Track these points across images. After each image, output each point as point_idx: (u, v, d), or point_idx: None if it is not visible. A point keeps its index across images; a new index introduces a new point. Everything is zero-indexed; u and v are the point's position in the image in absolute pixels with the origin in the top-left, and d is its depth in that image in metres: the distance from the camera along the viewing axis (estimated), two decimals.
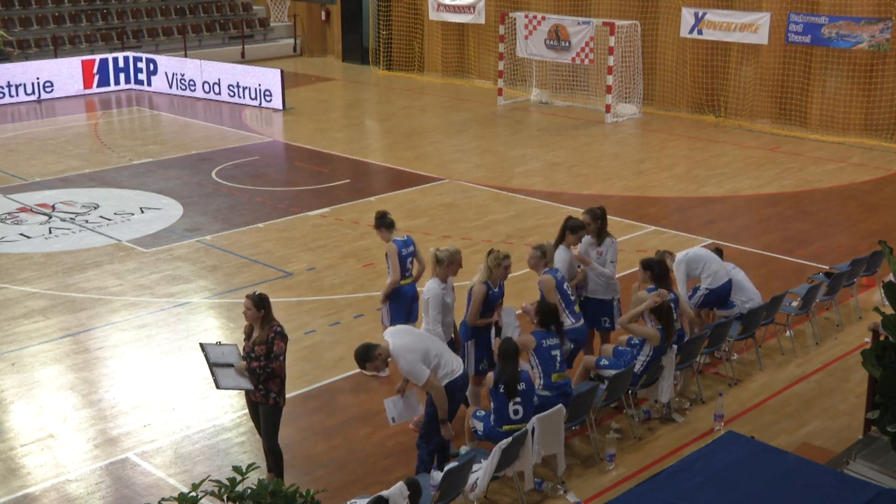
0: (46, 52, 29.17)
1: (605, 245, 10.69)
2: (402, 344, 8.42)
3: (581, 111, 25.52)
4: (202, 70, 27.48)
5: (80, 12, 31.30)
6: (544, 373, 9.07)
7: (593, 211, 10.73)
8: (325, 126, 24.41)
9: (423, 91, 28.96)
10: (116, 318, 12.73)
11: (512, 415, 8.67)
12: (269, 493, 6.23)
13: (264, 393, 8.61)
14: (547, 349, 9.09)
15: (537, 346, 9.09)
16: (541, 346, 9.09)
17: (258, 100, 26.28)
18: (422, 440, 8.70)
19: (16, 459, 9.53)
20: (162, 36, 32.13)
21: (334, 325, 12.51)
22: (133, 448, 9.68)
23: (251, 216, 16.95)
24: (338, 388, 10.95)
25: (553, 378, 9.07)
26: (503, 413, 8.68)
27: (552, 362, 9.09)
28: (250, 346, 8.60)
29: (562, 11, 26.50)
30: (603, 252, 10.66)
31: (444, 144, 22.40)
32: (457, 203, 17.68)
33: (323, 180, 19.29)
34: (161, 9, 32.98)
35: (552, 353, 9.11)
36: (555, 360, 9.10)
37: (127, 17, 32.09)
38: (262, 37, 34.48)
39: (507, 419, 8.68)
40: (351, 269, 14.47)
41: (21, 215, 16.95)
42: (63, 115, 25.56)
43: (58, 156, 21.30)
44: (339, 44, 34.17)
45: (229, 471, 8.55)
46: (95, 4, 31.81)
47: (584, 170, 20.09)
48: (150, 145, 22.16)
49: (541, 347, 9.08)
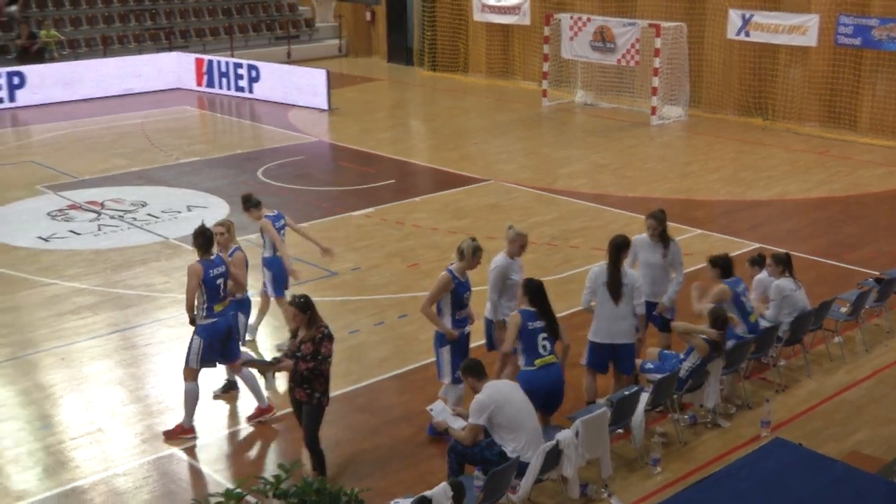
0: (96, 51, 29.53)
1: (672, 250, 10.56)
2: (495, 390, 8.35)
3: (626, 113, 25.39)
4: (248, 70, 27.68)
5: (129, 12, 31.66)
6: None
7: (657, 214, 10.62)
8: (370, 126, 24.49)
9: (468, 92, 28.96)
10: (163, 314, 12.85)
11: (542, 350, 8.98)
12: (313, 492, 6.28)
13: (309, 392, 8.66)
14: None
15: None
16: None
17: (304, 100, 26.41)
18: (452, 450, 8.66)
19: (65, 452, 9.66)
20: (209, 36, 32.41)
21: (378, 325, 12.55)
22: (180, 444, 9.77)
23: (296, 216, 16.89)
24: (382, 388, 10.98)
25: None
26: (534, 349, 8.98)
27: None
28: (296, 345, 8.65)
29: (607, 13, 26.37)
30: (669, 255, 10.55)
31: (489, 145, 22.38)
32: (501, 204, 17.66)
33: (367, 180, 19.36)
34: (208, 9, 33.28)
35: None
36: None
37: (175, 18, 32.41)
38: (307, 37, 34.67)
39: (538, 354, 8.99)
40: (395, 269, 14.50)
41: (71, 212, 17.18)
42: (112, 114, 25.86)
43: (106, 154, 21.56)
44: (384, 44, 34.26)
45: (274, 468, 8.59)
46: (144, 5, 32.16)
47: (629, 172, 19.98)
48: (196, 144, 22.37)
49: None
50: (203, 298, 9.68)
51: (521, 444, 8.22)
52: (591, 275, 9.83)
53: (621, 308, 9.67)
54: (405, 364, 11.38)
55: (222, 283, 9.80)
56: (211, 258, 9.77)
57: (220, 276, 9.77)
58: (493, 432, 8.31)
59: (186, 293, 9.69)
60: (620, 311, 9.67)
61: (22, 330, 12.40)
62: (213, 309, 9.74)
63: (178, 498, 8.92)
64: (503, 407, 8.26)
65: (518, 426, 8.25)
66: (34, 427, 10.11)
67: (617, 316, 9.67)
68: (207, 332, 9.74)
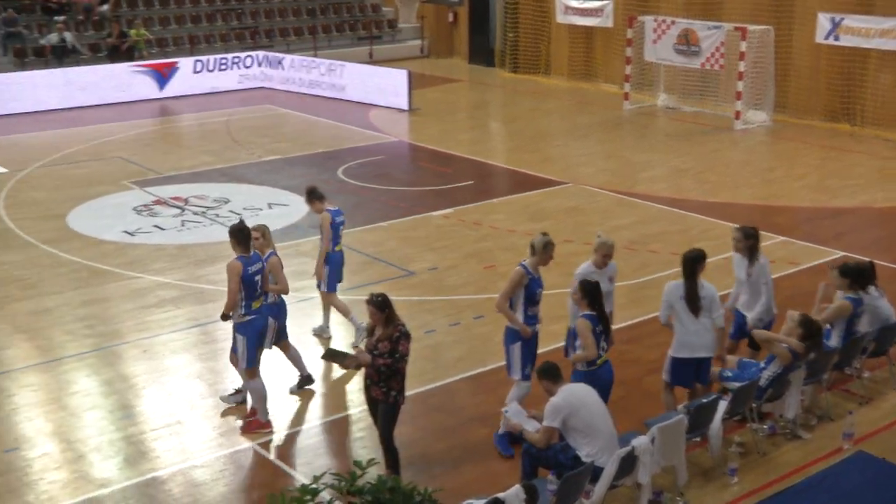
0: (183, 50, 30.12)
1: (757, 266, 10.27)
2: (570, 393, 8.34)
3: (709, 117, 25.04)
4: (331, 70, 27.97)
5: (215, 12, 32.23)
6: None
7: (745, 229, 10.40)
8: (450, 127, 24.55)
9: (549, 94, 28.86)
10: None
11: (601, 351, 9.00)
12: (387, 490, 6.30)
13: (385, 390, 8.70)
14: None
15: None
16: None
17: (385, 100, 26.58)
18: (526, 453, 8.64)
19: (146, 443, 9.86)
20: (293, 36, 32.82)
21: (454, 326, 12.57)
22: (256, 438, 9.90)
23: (375, 215, 17.17)
24: (457, 389, 10.99)
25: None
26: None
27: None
28: (373, 343, 8.70)
29: (692, 15, 26.02)
30: (754, 273, 10.27)
31: (569, 148, 22.27)
32: (581, 207, 17.56)
33: (447, 181, 19.41)
34: (293, 9, 33.72)
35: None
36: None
37: (260, 17, 32.90)
38: (390, 38, 34.90)
39: (599, 355, 9.01)
40: (472, 270, 14.51)
41: (156, 207, 17.54)
42: (197, 112, 26.36)
43: (191, 151, 21.98)
44: (465, 45, 34.32)
45: (349, 465, 8.66)
46: (231, 4, 32.71)
47: (710, 177, 19.70)
48: (279, 143, 22.66)
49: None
50: (241, 296, 9.73)
51: (596, 448, 8.16)
52: (667, 290, 9.67)
53: (702, 321, 9.49)
54: (480, 365, 11.38)
55: (260, 281, 9.89)
56: (249, 255, 9.84)
57: (257, 273, 9.84)
58: (567, 436, 8.27)
59: (228, 292, 9.71)
60: (701, 324, 9.49)
61: (108, 322, 12.71)
62: (252, 306, 9.81)
63: (253, 492, 9.05)
64: (578, 410, 8.21)
65: (593, 430, 8.20)
66: (116, 417, 10.35)
67: (698, 330, 9.50)
68: (248, 329, 9.84)
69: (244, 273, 9.65)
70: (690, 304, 9.48)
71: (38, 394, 10.93)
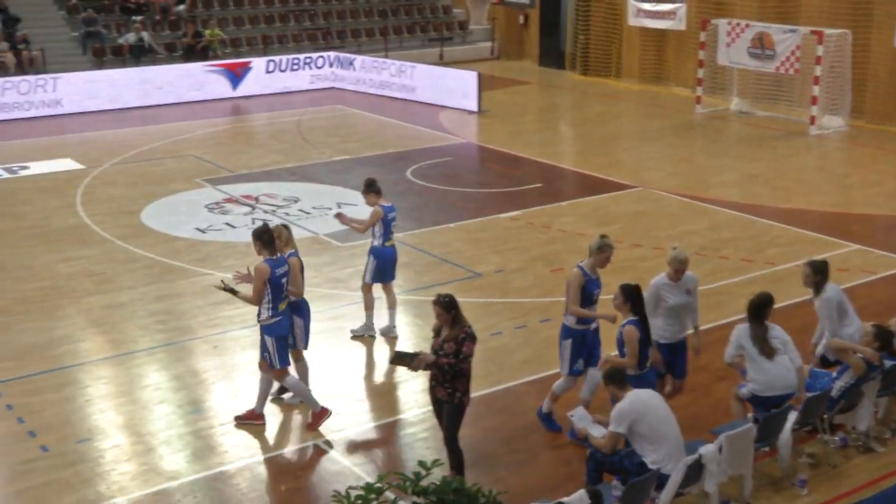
0: (256, 50, 30.50)
1: (819, 302, 9.83)
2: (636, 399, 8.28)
3: (783, 122, 24.63)
4: (401, 71, 28.10)
5: (288, 13, 32.58)
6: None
7: (814, 264, 9.99)
8: (519, 129, 24.51)
9: (619, 97, 28.65)
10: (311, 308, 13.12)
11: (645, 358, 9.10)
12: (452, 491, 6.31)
13: (450, 391, 8.71)
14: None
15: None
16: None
17: (454, 101, 26.62)
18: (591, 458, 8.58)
19: (214, 437, 10.00)
20: (364, 37, 33.05)
21: (520, 328, 12.54)
22: (322, 436, 9.99)
23: (443, 216, 17.21)
24: (521, 392, 10.97)
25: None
26: (644, 356, 9.09)
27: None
28: (439, 344, 8.71)
29: (767, 19, 25.63)
30: (817, 306, 9.86)
31: (639, 151, 22.09)
32: (649, 211, 17.40)
33: (515, 183, 19.37)
34: (365, 10, 33.96)
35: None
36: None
37: (332, 18, 33.19)
38: (460, 39, 34.96)
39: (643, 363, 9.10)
40: (539, 272, 14.47)
41: (227, 205, 17.79)
42: (269, 111, 26.68)
43: (263, 150, 22.25)
44: (536, 48, 34.23)
45: (413, 465, 8.68)
46: (304, 5, 33.05)
47: (783, 182, 19.38)
48: (348, 143, 22.83)
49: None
50: (268, 297, 9.82)
51: (662, 455, 8.08)
52: (737, 332, 9.42)
53: (778, 361, 9.20)
54: (545, 368, 11.32)
55: (286, 283, 9.97)
56: (276, 258, 9.92)
57: (284, 276, 9.93)
58: (633, 442, 8.20)
59: (253, 293, 9.81)
60: (779, 364, 9.20)
61: (179, 317, 12.91)
62: (278, 308, 9.91)
63: (318, 489, 9.13)
64: (645, 416, 8.14)
65: (660, 437, 8.12)
66: (185, 411, 10.51)
67: (778, 372, 9.20)
68: (275, 329, 9.93)
69: (272, 275, 9.77)
70: (761, 348, 9.25)
71: (110, 386, 11.16)
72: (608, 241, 9.73)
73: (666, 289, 9.55)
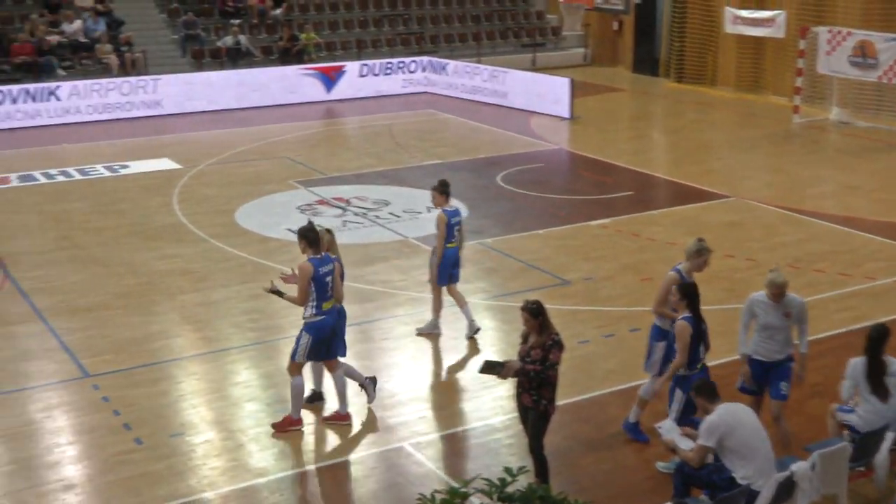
0: (350, 54, 30.83)
1: None
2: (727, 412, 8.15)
3: (885, 133, 23.97)
4: (493, 76, 28.13)
5: (383, 17, 32.87)
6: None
7: None
8: (611, 136, 24.33)
9: (714, 105, 28.24)
10: (399, 311, 13.26)
11: (700, 356, 9.09)
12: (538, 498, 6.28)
13: (535, 398, 8.68)
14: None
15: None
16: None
17: (546, 107, 26.53)
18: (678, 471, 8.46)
19: (301, 436, 10.13)
20: (458, 42, 33.15)
21: (608, 337, 12.44)
22: (408, 438, 10.05)
23: (532, 222, 17.17)
24: (607, 401, 10.88)
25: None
26: (695, 357, 9.05)
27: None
28: (526, 350, 8.70)
29: (870, 26, 24.98)
30: None
31: (733, 161, 21.73)
32: (742, 222, 17.11)
33: (605, 191, 19.23)
34: (458, 16, 34.07)
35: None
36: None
37: (426, 23, 33.37)
38: (553, 45, 34.83)
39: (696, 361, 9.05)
40: (629, 281, 14.33)
41: (319, 207, 18.01)
42: (361, 115, 26.95)
43: (355, 153, 22.48)
44: (629, 54, 33.92)
45: (497, 471, 8.64)
46: (398, 10, 33.30)
47: (883, 195, 18.86)
48: (439, 147, 22.93)
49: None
50: (312, 296, 9.90)
51: (752, 471, 7.93)
52: (851, 367, 9.13)
53: (891, 405, 8.90)
54: (633, 379, 11.18)
55: (330, 282, 10.01)
56: (321, 256, 9.99)
57: (328, 275, 9.98)
58: (722, 456, 8.06)
59: (298, 293, 9.90)
60: (891, 408, 8.91)
61: (271, 316, 13.11)
62: (322, 307, 9.96)
63: (403, 491, 9.17)
64: (735, 430, 7.99)
65: (750, 452, 7.97)
66: (274, 409, 10.65)
67: (886, 415, 8.91)
68: (315, 329, 9.98)
69: (316, 274, 9.85)
70: (874, 387, 8.96)
71: (202, 382, 11.39)
72: (706, 245, 9.67)
73: (761, 306, 9.34)
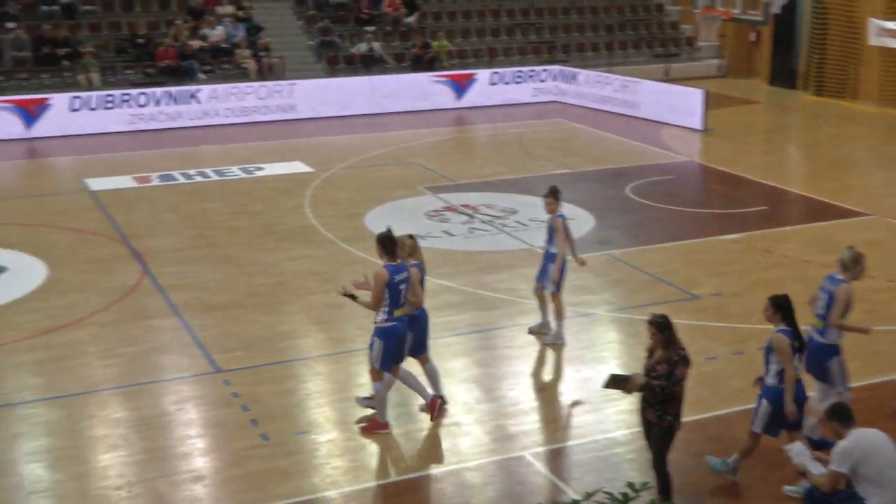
0: (481, 62, 30.98)
1: None
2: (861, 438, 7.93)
3: None
4: (624, 86, 27.86)
5: (515, 26, 32.92)
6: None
7: None
8: (745, 150, 23.80)
9: (855, 120, 27.34)
10: (524, 320, 13.22)
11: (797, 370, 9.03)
12: None
13: (660, 414, 8.56)
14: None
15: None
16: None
17: (678, 119, 26.13)
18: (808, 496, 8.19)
19: (421, 441, 10.24)
20: (589, 51, 32.96)
21: (737, 355, 12.17)
22: (529, 447, 10.02)
23: (661, 234, 16.93)
24: (734, 420, 10.61)
25: None
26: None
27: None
28: (651, 365, 8.58)
29: None
30: None
31: (873, 177, 21.00)
32: (882, 241, 16.50)
33: (737, 205, 18.82)
34: (591, 25, 33.87)
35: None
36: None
37: (558, 32, 33.28)
38: (687, 56, 34.29)
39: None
40: (759, 298, 13.83)
41: (446, 214, 18.14)
42: (491, 123, 27.04)
43: (484, 160, 22.58)
44: (766, 66, 33.14)
45: (618, 485, 8.55)
46: (530, 19, 33.31)
47: None
48: (568, 157, 22.82)
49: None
50: (386, 302, 9.98)
51: (888, 500, 7.63)
52: None
53: None
54: None
55: (404, 290, 10.07)
56: (396, 264, 10.05)
57: (402, 282, 10.05)
58: (856, 484, 7.79)
59: (371, 297, 10.00)
60: None
61: None
62: (394, 314, 10.04)
63: (522, 500, 9.14)
64: (870, 457, 7.71)
65: (886, 481, 7.66)
66: (396, 413, 10.74)
67: None
68: (387, 334, 10.06)
69: (390, 281, 9.95)
70: None
71: (327, 382, 11.61)
72: (859, 252, 9.67)
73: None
